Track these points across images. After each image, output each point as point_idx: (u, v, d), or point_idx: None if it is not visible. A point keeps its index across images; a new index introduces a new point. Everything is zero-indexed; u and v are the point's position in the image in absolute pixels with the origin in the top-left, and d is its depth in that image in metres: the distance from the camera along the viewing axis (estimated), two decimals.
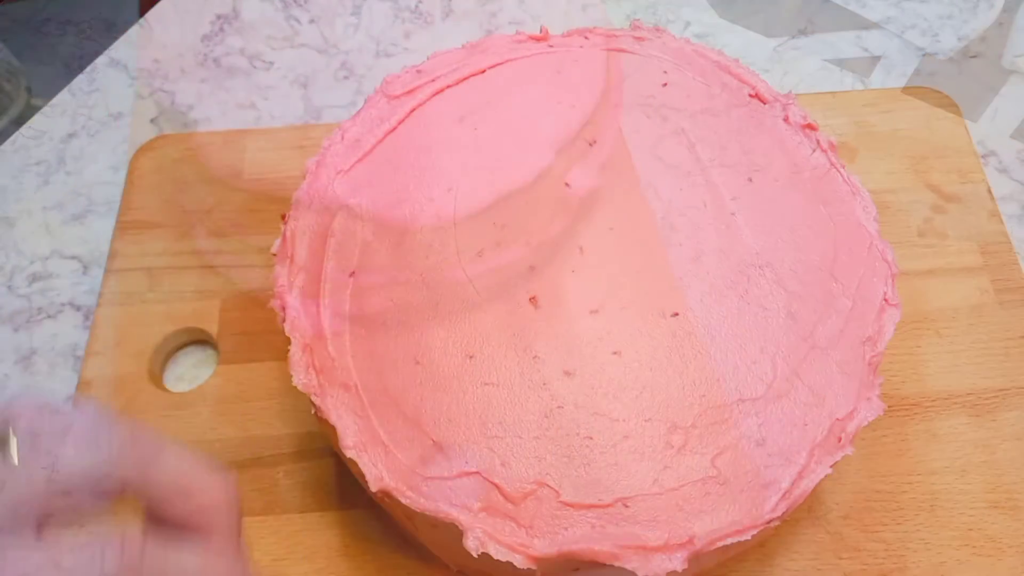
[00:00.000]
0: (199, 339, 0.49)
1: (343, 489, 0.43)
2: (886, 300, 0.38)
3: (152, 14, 0.67)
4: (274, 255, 0.40)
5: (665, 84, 0.43)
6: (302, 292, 0.39)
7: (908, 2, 0.64)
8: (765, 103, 0.43)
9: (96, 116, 0.61)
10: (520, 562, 0.33)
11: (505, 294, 0.37)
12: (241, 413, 0.45)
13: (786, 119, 0.43)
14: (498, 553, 0.33)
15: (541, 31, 0.46)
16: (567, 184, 0.40)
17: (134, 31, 0.66)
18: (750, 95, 0.44)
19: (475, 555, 0.33)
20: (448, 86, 0.43)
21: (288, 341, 0.37)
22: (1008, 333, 0.47)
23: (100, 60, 0.65)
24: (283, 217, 0.41)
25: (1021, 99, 0.58)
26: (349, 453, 0.35)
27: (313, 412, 0.37)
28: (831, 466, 0.35)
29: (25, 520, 0.23)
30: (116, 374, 0.47)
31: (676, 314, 0.37)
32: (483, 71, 0.44)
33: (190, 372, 0.48)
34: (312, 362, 0.37)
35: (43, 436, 0.24)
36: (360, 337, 0.37)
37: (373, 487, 0.34)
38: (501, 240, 0.38)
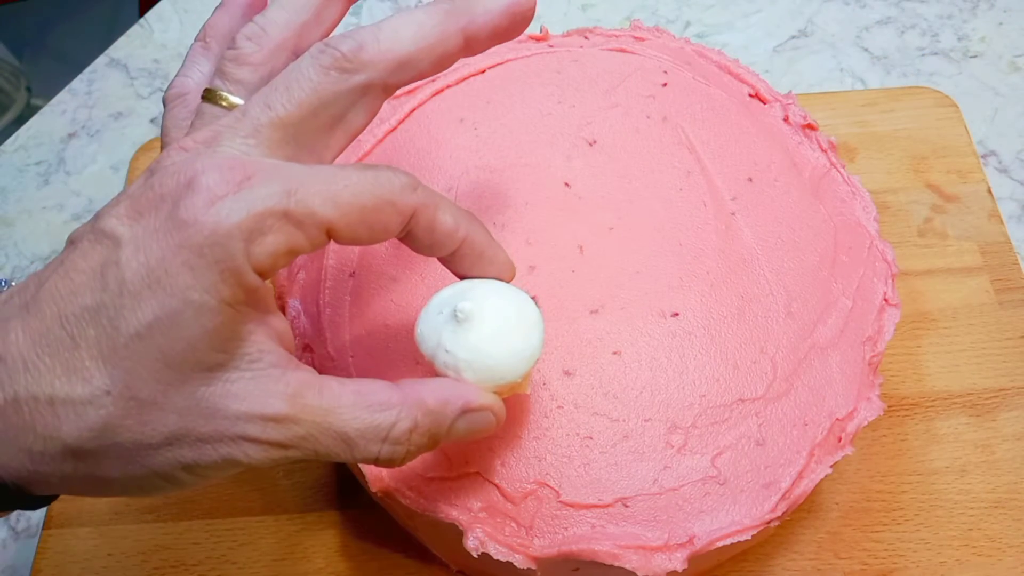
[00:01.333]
0: None
1: (343, 489, 0.43)
2: (886, 300, 0.38)
3: (152, 14, 0.67)
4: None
5: (665, 84, 0.43)
6: (302, 292, 0.39)
7: (908, 2, 0.64)
8: (765, 103, 0.43)
9: (96, 116, 0.62)
10: (520, 562, 0.33)
11: None
12: None
13: (786, 119, 0.43)
14: (498, 553, 0.33)
15: (541, 31, 0.46)
16: (567, 184, 0.40)
17: (134, 31, 0.66)
18: (750, 95, 0.44)
19: (475, 555, 0.33)
20: (448, 86, 0.43)
21: None
22: (1008, 333, 0.47)
23: (100, 60, 0.65)
24: None
25: (1021, 99, 0.58)
26: None
27: None
28: (831, 466, 0.35)
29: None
30: None
31: (676, 314, 0.37)
32: (483, 71, 0.44)
33: None
34: (312, 362, 0.37)
35: None
36: (360, 337, 0.37)
37: (373, 487, 0.34)
38: (501, 240, 0.38)
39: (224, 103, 0.29)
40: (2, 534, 0.45)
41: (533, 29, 0.49)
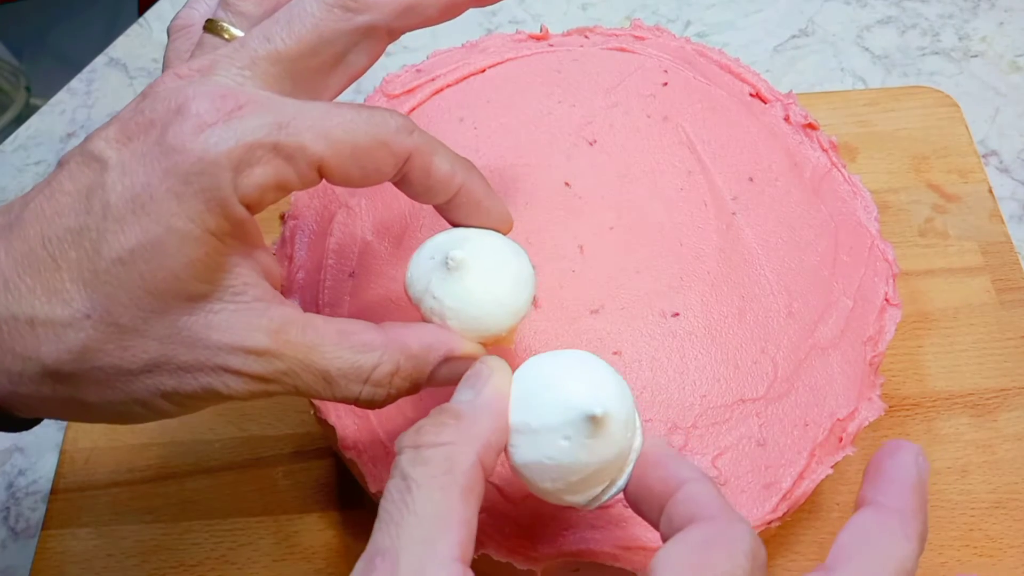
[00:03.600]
0: None
1: (343, 489, 0.43)
2: (887, 300, 0.38)
3: (152, 14, 0.67)
4: (274, 255, 0.40)
5: (665, 84, 0.43)
6: (302, 292, 0.39)
7: (908, 2, 0.64)
8: (765, 103, 0.43)
9: (96, 116, 0.61)
10: (520, 562, 0.33)
11: None
12: (240, 413, 0.45)
13: (787, 119, 0.43)
14: (498, 554, 0.33)
15: (541, 30, 0.46)
16: (567, 184, 0.40)
17: (134, 31, 0.66)
18: (750, 95, 0.44)
19: (475, 555, 0.33)
20: (448, 85, 0.43)
21: None
22: (1008, 333, 0.47)
23: (99, 60, 0.65)
24: (282, 217, 0.41)
25: (1022, 99, 0.58)
26: (349, 453, 0.35)
27: (313, 413, 0.37)
28: (832, 466, 0.35)
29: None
30: None
31: (676, 314, 0.36)
32: (483, 70, 0.44)
33: None
34: None
35: None
36: None
37: (373, 487, 0.34)
38: None
39: (225, 35, 0.28)
40: (2, 534, 0.45)
41: (533, 28, 0.49)
